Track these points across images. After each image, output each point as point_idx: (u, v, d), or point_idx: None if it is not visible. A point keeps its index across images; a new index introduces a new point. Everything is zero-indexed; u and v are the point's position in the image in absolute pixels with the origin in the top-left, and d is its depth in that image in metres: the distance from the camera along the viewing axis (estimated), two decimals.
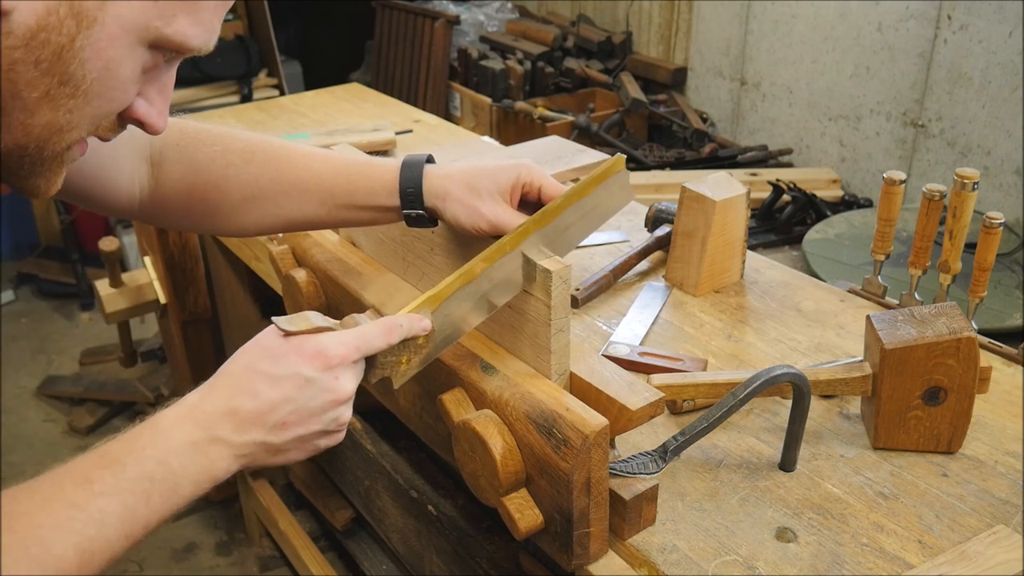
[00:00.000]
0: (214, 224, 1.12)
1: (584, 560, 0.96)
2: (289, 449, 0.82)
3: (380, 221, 1.10)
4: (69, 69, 0.68)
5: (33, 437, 3.05)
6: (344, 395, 0.82)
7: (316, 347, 0.81)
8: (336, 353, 0.81)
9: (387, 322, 0.87)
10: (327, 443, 0.85)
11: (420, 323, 0.90)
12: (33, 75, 0.67)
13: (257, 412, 0.79)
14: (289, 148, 1.09)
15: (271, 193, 1.07)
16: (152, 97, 0.77)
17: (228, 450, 0.79)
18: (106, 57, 0.69)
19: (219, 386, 0.81)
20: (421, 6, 4.76)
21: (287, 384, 0.80)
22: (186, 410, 0.79)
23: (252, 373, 0.80)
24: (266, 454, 0.81)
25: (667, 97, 4.26)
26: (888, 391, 1.08)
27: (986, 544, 0.94)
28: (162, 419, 0.78)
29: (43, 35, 0.65)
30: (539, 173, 1.02)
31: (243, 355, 0.83)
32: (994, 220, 1.22)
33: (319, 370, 0.80)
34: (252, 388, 0.80)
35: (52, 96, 0.69)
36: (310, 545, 2.14)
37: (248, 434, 0.79)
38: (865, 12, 3.43)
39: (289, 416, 0.80)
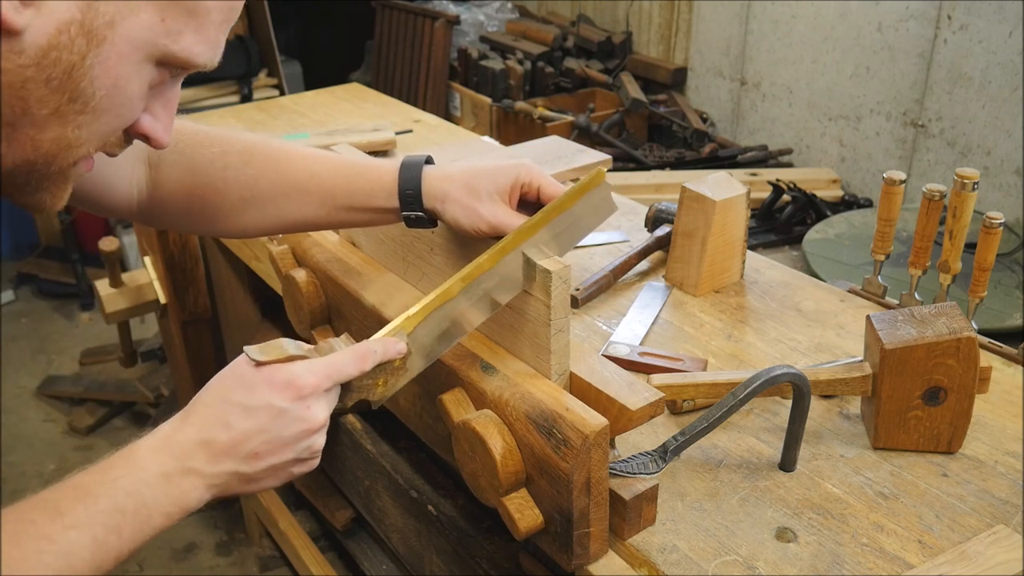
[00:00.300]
0: (213, 226, 1.12)
1: (584, 560, 0.96)
2: (263, 478, 0.82)
3: (380, 222, 1.10)
4: (79, 86, 0.69)
5: (33, 437, 3.05)
6: (316, 424, 0.83)
7: (287, 377, 0.81)
8: (307, 383, 0.82)
9: (360, 349, 0.87)
10: (300, 470, 0.85)
11: (395, 347, 0.90)
12: (43, 92, 0.68)
13: (230, 443, 0.79)
14: (288, 149, 1.09)
15: (270, 195, 1.07)
16: (157, 112, 0.78)
17: (201, 480, 0.79)
18: (115, 74, 0.70)
19: (193, 417, 0.81)
20: (421, 6, 4.76)
21: (260, 415, 0.80)
22: (160, 441, 0.79)
23: (225, 404, 0.81)
24: (240, 483, 0.81)
25: (667, 97, 4.26)
26: (888, 391, 1.08)
27: (986, 544, 0.94)
28: (136, 450, 0.78)
29: (54, 54, 0.67)
30: (538, 173, 1.02)
31: (216, 385, 0.83)
32: (994, 220, 1.22)
33: (291, 400, 0.81)
34: (225, 419, 0.80)
35: (62, 113, 0.70)
36: (310, 545, 2.14)
37: (221, 465, 0.79)
38: (865, 12, 3.43)
39: (262, 446, 0.80)
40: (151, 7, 0.70)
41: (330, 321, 1.31)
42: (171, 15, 0.71)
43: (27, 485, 2.82)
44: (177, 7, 0.71)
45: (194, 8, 0.72)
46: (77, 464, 2.99)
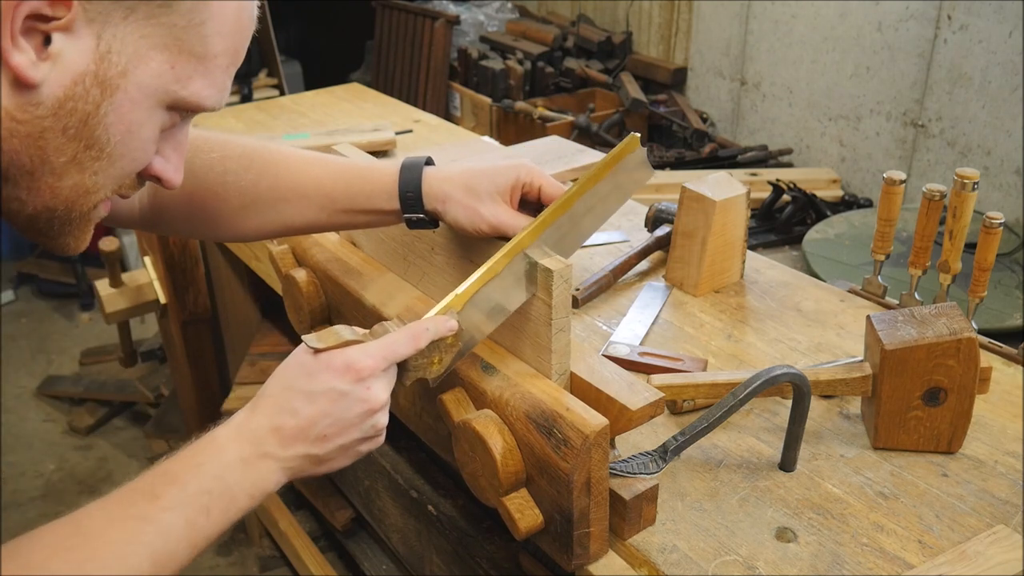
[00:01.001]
0: (215, 231, 1.13)
1: (584, 560, 0.96)
2: (333, 458, 0.87)
3: (381, 224, 1.10)
4: (95, 134, 0.72)
5: (33, 437, 3.05)
6: (378, 403, 0.86)
7: (345, 361, 0.85)
8: (365, 365, 0.85)
9: (413, 328, 0.89)
10: (368, 447, 0.89)
11: (446, 324, 0.92)
12: (61, 141, 0.71)
13: (299, 428, 0.84)
14: (287, 154, 1.10)
15: (270, 199, 1.08)
16: (168, 154, 0.81)
17: (276, 464, 0.84)
18: (128, 121, 0.73)
19: (260, 406, 0.85)
20: (421, 6, 4.76)
21: (323, 399, 0.84)
22: (235, 429, 0.84)
23: (289, 392, 0.85)
24: (312, 464, 0.86)
25: (667, 97, 4.26)
26: (888, 391, 1.08)
27: (986, 544, 0.94)
28: (216, 437, 0.83)
29: (70, 104, 0.70)
30: (539, 173, 1.02)
31: (279, 375, 0.87)
32: (994, 220, 1.22)
33: (351, 383, 0.84)
34: (291, 406, 0.84)
35: (79, 160, 0.73)
36: (310, 545, 2.15)
37: (293, 448, 0.84)
38: (865, 12, 3.43)
39: (329, 428, 0.84)
40: (161, 55, 0.72)
41: (330, 321, 1.31)
42: (180, 62, 0.74)
43: (27, 485, 2.82)
44: (185, 54, 0.74)
45: (202, 54, 0.75)
46: (77, 464, 3.00)
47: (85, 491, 2.79)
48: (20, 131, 0.69)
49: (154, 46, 0.72)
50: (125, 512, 0.76)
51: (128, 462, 2.92)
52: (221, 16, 0.75)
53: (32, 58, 0.66)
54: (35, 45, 0.66)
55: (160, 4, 0.71)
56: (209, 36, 0.75)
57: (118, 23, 0.69)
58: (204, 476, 0.80)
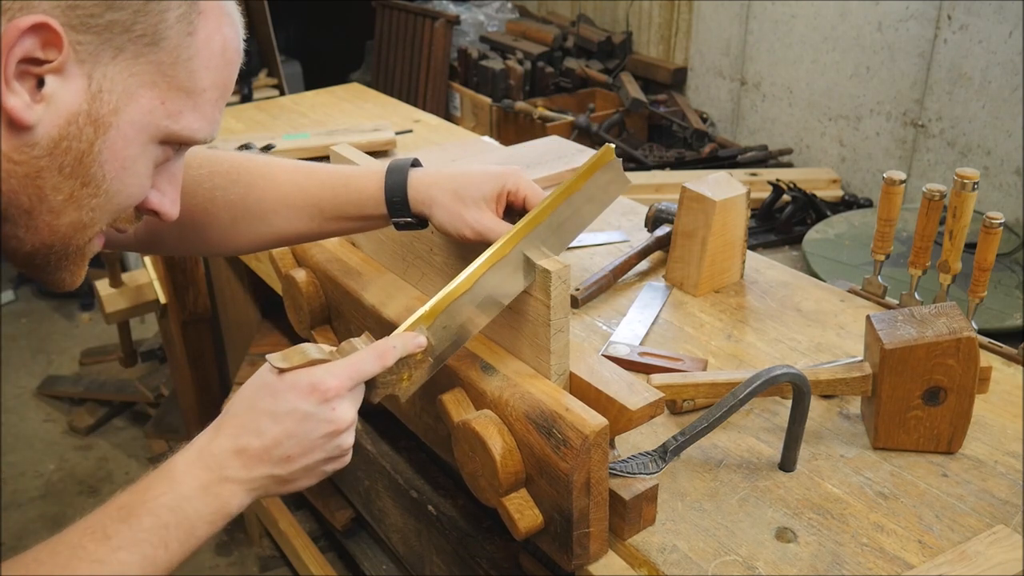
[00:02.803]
0: (209, 246, 1.13)
1: (584, 560, 0.96)
2: (298, 478, 0.86)
3: (372, 228, 1.11)
4: (90, 171, 0.74)
5: (33, 437, 3.05)
6: (343, 424, 0.85)
7: (311, 382, 0.84)
8: (330, 386, 0.84)
9: (380, 346, 0.88)
10: (333, 467, 0.88)
11: (414, 341, 0.91)
12: (58, 180, 0.72)
13: (263, 448, 0.83)
14: (273, 165, 1.10)
15: (259, 212, 1.09)
16: (163, 187, 0.82)
17: (239, 487, 0.82)
18: (123, 157, 0.75)
19: (224, 427, 0.84)
20: (421, 6, 4.76)
21: (287, 420, 0.83)
22: (194, 455, 0.83)
23: (253, 412, 0.84)
24: (276, 485, 0.85)
25: (667, 97, 4.26)
26: (888, 391, 1.08)
27: (986, 544, 0.94)
28: (173, 466, 0.82)
29: (65, 143, 0.71)
30: (525, 183, 1.03)
31: (243, 396, 0.86)
32: (994, 220, 1.22)
33: (316, 404, 0.83)
34: (255, 427, 0.83)
35: (76, 197, 0.74)
36: (310, 545, 2.14)
37: (257, 470, 0.83)
38: (865, 12, 3.43)
39: (293, 449, 0.83)
40: (151, 92, 0.74)
41: (330, 321, 1.31)
42: (170, 98, 0.75)
43: (27, 485, 2.82)
44: (175, 90, 0.75)
45: (191, 89, 0.76)
46: (77, 464, 3.00)
47: (85, 491, 2.79)
48: (18, 172, 0.70)
49: (144, 83, 0.73)
50: (76, 555, 0.75)
51: (128, 462, 2.92)
52: (208, 51, 0.77)
53: (26, 100, 0.68)
54: (29, 88, 0.68)
55: (147, 43, 0.72)
56: (197, 71, 0.76)
57: (108, 63, 0.71)
58: (160, 510, 0.78)
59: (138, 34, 0.71)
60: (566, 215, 1.00)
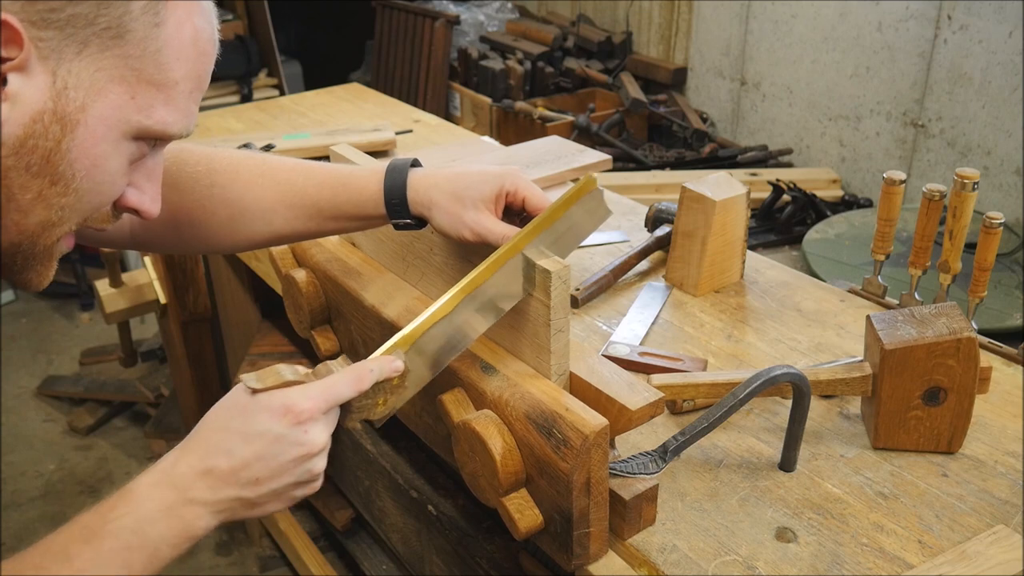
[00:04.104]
0: (206, 243, 1.12)
1: (584, 560, 0.96)
2: (265, 502, 0.83)
3: (371, 227, 1.11)
4: (58, 170, 0.72)
5: (33, 437, 3.05)
6: (315, 448, 0.83)
7: (284, 403, 0.82)
8: (304, 408, 0.82)
9: (356, 370, 0.87)
10: (302, 493, 0.86)
11: (391, 365, 0.90)
12: (25, 179, 0.71)
13: (231, 470, 0.81)
14: (272, 164, 1.09)
15: (257, 210, 1.08)
16: (142, 184, 0.81)
17: (204, 509, 0.80)
18: (93, 155, 0.73)
19: (192, 447, 0.82)
20: (421, 6, 4.76)
21: (259, 442, 0.81)
22: (159, 475, 0.80)
23: (224, 432, 0.82)
24: (243, 508, 0.83)
25: (667, 97, 4.26)
26: (888, 391, 1.08)
27: (986, 544, 0.94)
28: (136, 487, 0.80)
29: (31, 142, 0.70)
30: (524, 184, 1.02)
31: (213, 416, 0.84)
32: (994, 220, 1.22)
33: (288, 426, 0.81)
34: (225, 447, 0.81)
35: (44, 196, 0.73)
36: (310, 545, 2.15)
37: (223, 492, 0.81)
38: (865, 12, 3.43)
39: (262, 472, 0.81)
40: (119, 87, 0.72)
41: (330, 321, 1.31)
42: (140, 92, 0.74)
43: (27, 485, 2.82)
44: (144, 83, 0.74)
45: (161, 82, 0.75)
46: (77, 464, 3.00)
47: (85, 491, 2.79)
48: None
49: (112, 78, 0.72)
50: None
51: (128, 462, 2.92)
52: (177, 42, 0.75)
53: None
54: None
55: (112, 36, 0.70)
56: (167, 63, 0.74)
57: (72, 59, 0.69)
58: (122, 531, 0.76)
59: (102, 27, 0.69)
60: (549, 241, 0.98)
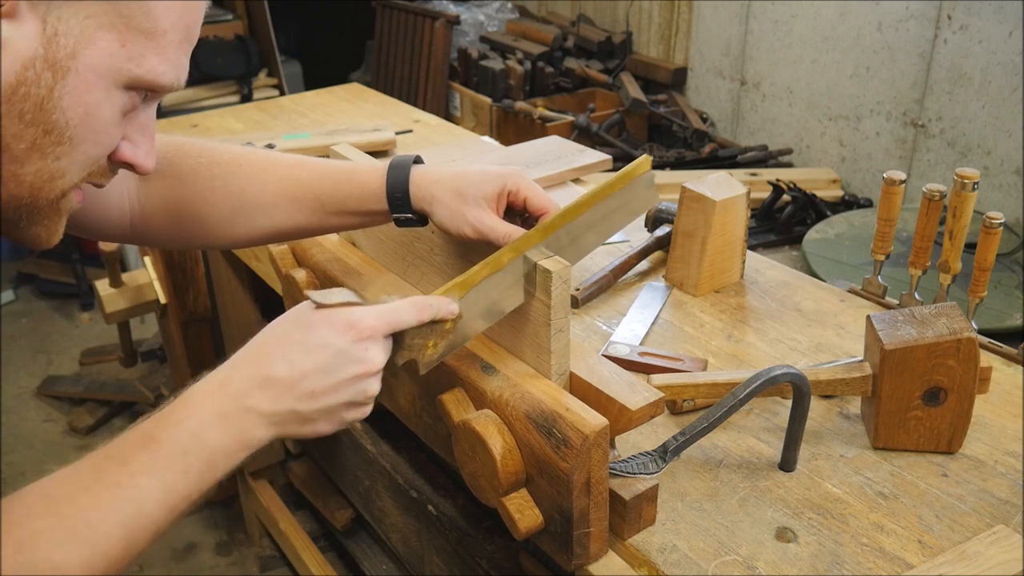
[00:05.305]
0: (205, 237, 1.12)
1: (584, 560, 0.96)
2: (317, 419, 0.84)
3: (373, 224, 1.11)
4: (52, 118, 0.72)
5: (33, 437, 3.05)
6: (373, 367, 0.84)
7: (348, 319, 0.83)
8: (367, 325, 0.83)
9: (418, 300, 0.88)
10: (354, 416, 0.86)
11: (449, 306, 0.90)
12: (18, 128, 0.71)
13: (290, 380, 0.81)
14: (275, 159, 1.10)
15: (259, 204, 1.08)
16: (136, 138, 0.81)
17: (261, 418, 0.81)
18: (85, 103, 0.73)
19: (252, 355, 0.83)
20: (421, 6, 4.76)
21: (319, 353, 0.81)
22: (216, 384, 0.82)
23: (285, 343, 0.83)
24: (296, 423, 0.83)
25: (667, 97, 4.26)
26: (888, 391, 1.08)
27: (986, 544, 0.94)
28: (193, 393, 0.81)
29: (23, 89, 0.70)
30: (526, 183, 1.02)
31: (275, 326, 0.85)
32: (994, 220, 1.22)
33: (351, 341, 0.82)
34: (286, 356, 0.82)
35: (39, 146, 0.73)
36: (310, 545, 2.15)
37: (280, 403, 0.81)
38: (865, 12, 3.43)
39: (319, 384, 0.82)
40: (109, 35, 0.73)
41: None
42: (130, 40, 0.74)
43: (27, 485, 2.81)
44: (134, 31, 0.74)
45: (151, 30, 0.75)
46: None
47: None
48: None
49: (101, 25, 0.72)
50: (96, 478, 0.75)
51: None
52: None
53: None
54: None
55: None
56: (155, 11, 0.75)
57: (61, 5, 0.70)
58: (180, 436, 0.77)
59: None
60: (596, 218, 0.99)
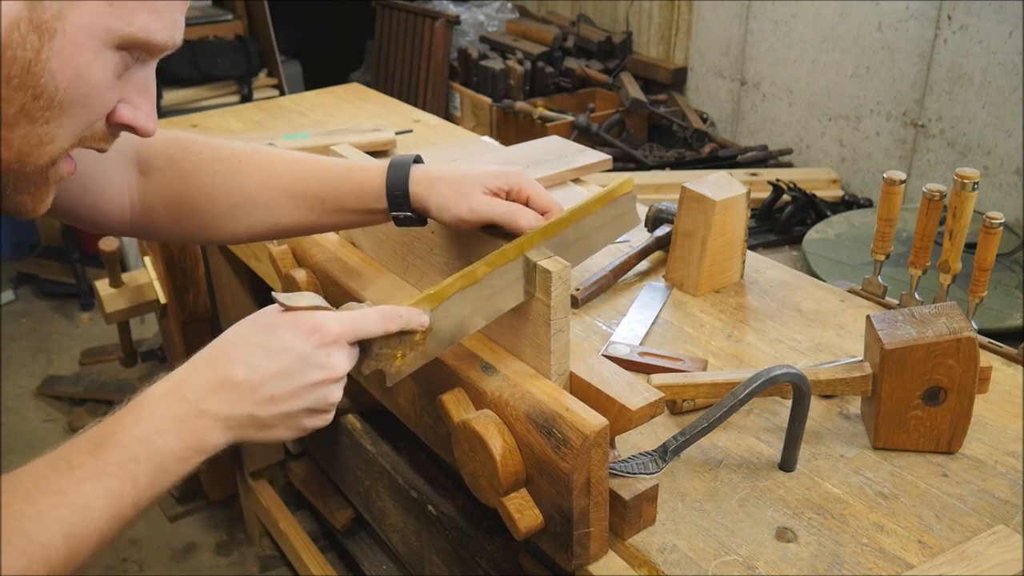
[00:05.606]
0: (205, 232, 1.12)
1: (584, 560, 0.96)
2: (275, 425, 0.82)
3: (372, 222, 1.11)
4: (40, 82, 0.71)
5: (33, 437, 3.05)
6: (336, 373, 0.83)
7: (313, 323, 0.82)
8: (332, 330, 0.82)
9: (386, 309, 0.87)
10: (314, 423, 0.84)
11: (419, 317, 0.90)
12: (7, 92, 0.70)
13: (249, 385, 0.79)
14: (276, 156, 1.10)
15: (260, 200, 1.08)
16: (135, 100, 0.79)
17: (216, 423, 0.78)
18: (74, 65, 0.71)
19: (212, 357, 0.81)
20: (421, 6, 4.76)
21: (281, 357, 0.80)
22: (172, 385, 0.79)
23: (247, 345, 0.81)
24: (254, 429, 0.81)
25: (667, 97, 4.26)
26: (888, 391, 1.08)
27: (986, 544, 0.94)
28: (147, 397, 0.78)
29: (9, 52, 0.68)
30: (529, 182, 1.02)
31: (238, 328, 0.83)
32: (994, 220, 1.22)
33: (314, 346, 0.81)
34: (247, 359, 0.80)
35: (28, 110, 0.72)
36: (310, 545, 2.15)
37: (238, 407, 0.79)
38: (865, 12, 3.43)
39: (279, 389, 0.80)
40: None
41: None
42: None
43: None
44: None
45: None
46: None
47: None
48: None
49: None
50: (38, 485, 0.72)
51: None
52: None
53: None
54: None
55: None
56: None
57: None
58: (128, 441, 0.74)
59: None
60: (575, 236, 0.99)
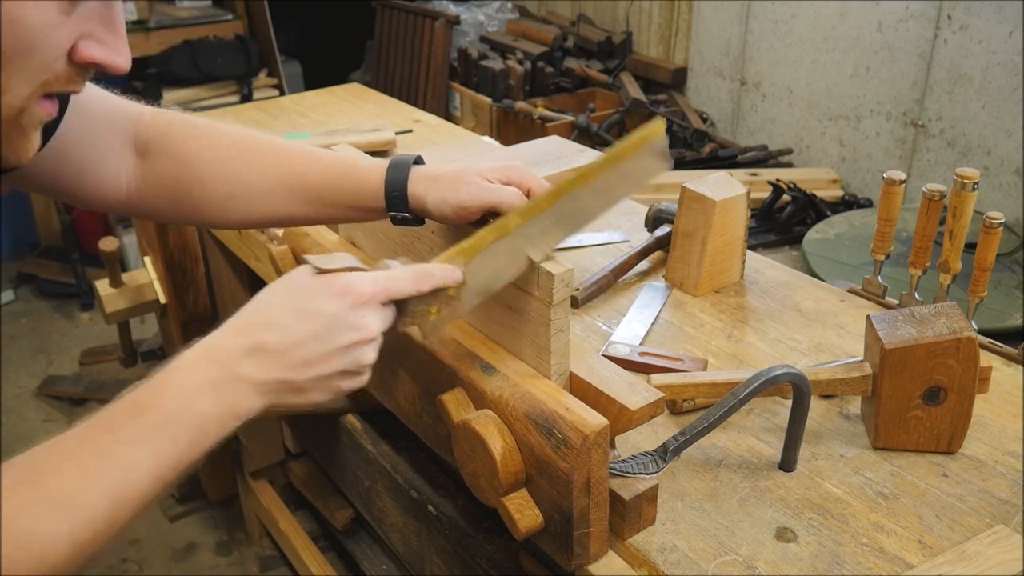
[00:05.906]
0: (199, 217, 1.12)
1: (584, 560, 0.96)
2: (310, 389, 0.81)
3: (368, 219, 1.11)
4: None
5: (33, 437, 3.03)
6: (369, 334, 0.82)
7: (346, 284, 0.81)
8: (365, 291, 0.81)
9: (418, 269, 0.87)
10: (348, 385, 0.84)
11: (452, 274, 0.89)
12: None
13: (282, 348, 0.79)
14: (276, 146, 1.09)
15: (256, 190, 1.08)
16: (102, 36, 0.75)
17: (251, 388, 0.78)
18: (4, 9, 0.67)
19: (244, 321, 0.81)
20: (421, 6, 4.76)
21: (314, 320, 0.80)
22: (205, 350, 0.79)
23: (279, 309, 0.81)
24: (289, 393, 0.81)
25: (667, 97, 4.26)
26: (888, 391, 1.08)
27: (986, 544, 0.94)
28: (183, 361, 0.78)
29: None
30: (529, 175, 1.02)
31: (270, 291, 0.83)
32: (994, 220, 1.22)
33: (347, 308, 0.80)
34: (279, 323, 0.79)
35: None
36: (310, 545, 2.15)
37: (271, 372, 0.79)
38: (865, 12, 3.43)
39: (312, 353, 0.79)
40: None
41: None
42: None
43: None
44: None
45: None
46: None
47: None
48: None
49: None
50: (83, 447, 0.73)
51: None
52: None
53: None
54: None
55: None
56: None
57: None
58: (169, 403, 0.75)
59: None
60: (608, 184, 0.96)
